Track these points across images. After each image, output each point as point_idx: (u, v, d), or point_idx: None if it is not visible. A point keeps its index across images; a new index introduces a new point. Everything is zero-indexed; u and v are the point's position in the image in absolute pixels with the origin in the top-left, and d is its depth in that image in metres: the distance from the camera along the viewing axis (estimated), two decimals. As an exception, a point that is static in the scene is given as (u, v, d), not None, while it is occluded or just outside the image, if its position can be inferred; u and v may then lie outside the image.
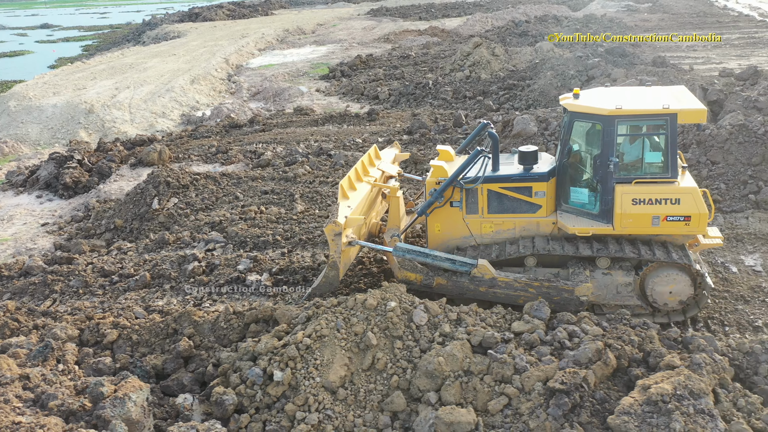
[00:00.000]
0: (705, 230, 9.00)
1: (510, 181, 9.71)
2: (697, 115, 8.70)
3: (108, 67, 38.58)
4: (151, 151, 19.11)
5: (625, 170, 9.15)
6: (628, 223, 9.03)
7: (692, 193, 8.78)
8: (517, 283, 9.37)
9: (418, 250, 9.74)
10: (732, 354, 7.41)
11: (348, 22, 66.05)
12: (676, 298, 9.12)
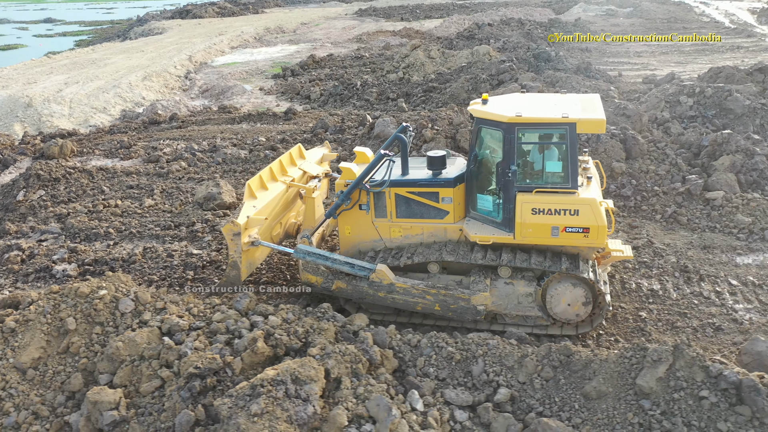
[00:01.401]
0: (604, 243, 8.81)
1: (417, 185, 9.55)
2: (596, 126, 8.49)
3: (71, 62, 39.56)
4: (52, 145, 19.85)
5: (527, 179, 9.03)
6: (528, 232, 8.92)
7: (591, 204, 8.59)
8: (414, 290, 9.29)
9: (318, 252, 9.67)
10: (399, 347, 7.90)
11: (332, 21, 66.63)
12: (575, 311, 9.06)
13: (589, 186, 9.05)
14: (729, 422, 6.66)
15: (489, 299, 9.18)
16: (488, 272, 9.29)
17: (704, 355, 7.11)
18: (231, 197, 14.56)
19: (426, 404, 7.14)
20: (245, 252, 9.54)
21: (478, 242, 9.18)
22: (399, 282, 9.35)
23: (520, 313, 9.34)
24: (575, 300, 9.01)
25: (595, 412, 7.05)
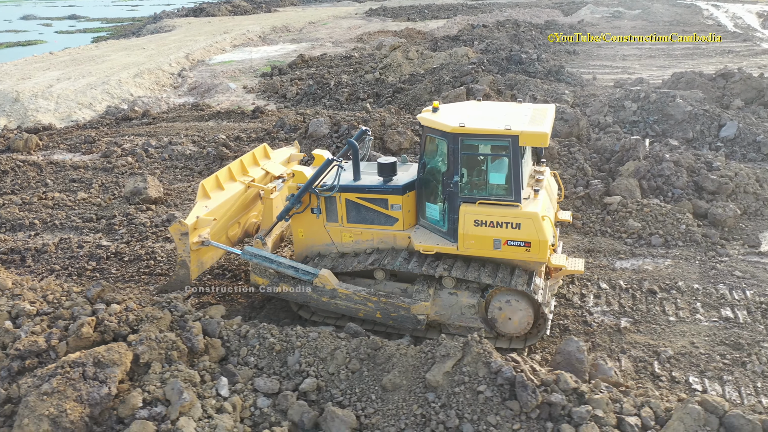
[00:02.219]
0: (545, 257, 8.65)
1: (366, 191, 9.50)
2: (538, 139, 8.28)
3: (71, 58, 40.81)
4: (17, 138, 20.76)
5: (471, 190, 8.93)
6: (471, 244, 8.85)
7: (533, 218, 8.46)
8: (356, 296, 9.32)
9: (265, 255, 9.69)
10: (229, 336, 8.40)
11: (340, 21, 67.22)
12: (516, 325, 9.01)
13: (535, 199, 8.89)
14: (499, 416, 7.01)
15: (430, 309, 9.14)
16: (433, 282, 9.24)
17: (491, 351, 7.46)
18: (157, 192, 15.19)
19: (234, 391, 7.63)
20: (195, 252, 9.62)
21: (422, 251, 9.17)
22: (341, 288, 9.39)
23: (464, 324, 9.29)
24: (515, 314, 8.92)
25: (388, 403, 7.46)
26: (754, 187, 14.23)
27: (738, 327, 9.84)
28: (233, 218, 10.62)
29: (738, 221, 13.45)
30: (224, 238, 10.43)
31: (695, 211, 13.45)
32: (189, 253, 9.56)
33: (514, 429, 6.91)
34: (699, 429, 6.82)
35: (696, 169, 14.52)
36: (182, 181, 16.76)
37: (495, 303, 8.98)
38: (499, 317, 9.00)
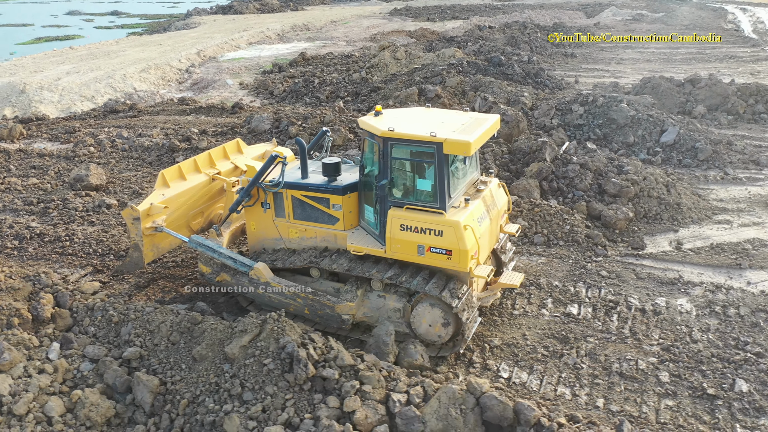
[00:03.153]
0: (466, 267, 8.65)
1: (309, 189, 9.69)
2: (461, 147, 8.30)
3: (88, 53, 42.87)
4: (2, 127, 22.33)
5: (399, 194, 9.04)
6: (397, 248, 8.93)
7: (454, 227, 8.49)
8: (287, 291, 9.60)
9: (207, 244, 10.01)
10: (79, 308, 9.36)
11: (361, 20, 68.11)
12: (434, 331, 9.07)
13: (465, 208, 8.91)
14: (276, 386, 7.76)
15: (354, 310, 9.29)
16: (363, 283, 9.40)
17: (284, 328, 8.20)
18: (99, 180, 16.36)
19: (64, 356, 8.58)
20: (148, 236, 10.05)
21: (352, 251, 9.32)
22: (274, 282, 9.66)
23: (403, 327, 9.35)
24: (435, 321, 8.98)
25: (193, 371, 8.29)
26: (659, 192, 14.47)
27: (575, 322, 10.30)
28: (194, 208, 10.96)
29: (631, 224, 13.78)
30: (185, 227, 10.79)
31: (589, 212, 13.82)
32: (141, 237, 9.99)
33: (287, 398, 7.65)
34: (453, 406, 7.42)
35: (604, 172, 14.83)
36: (131, 170, 17.92)
37: (418, 308, 9.06)
38: (420, 323, 9.08)
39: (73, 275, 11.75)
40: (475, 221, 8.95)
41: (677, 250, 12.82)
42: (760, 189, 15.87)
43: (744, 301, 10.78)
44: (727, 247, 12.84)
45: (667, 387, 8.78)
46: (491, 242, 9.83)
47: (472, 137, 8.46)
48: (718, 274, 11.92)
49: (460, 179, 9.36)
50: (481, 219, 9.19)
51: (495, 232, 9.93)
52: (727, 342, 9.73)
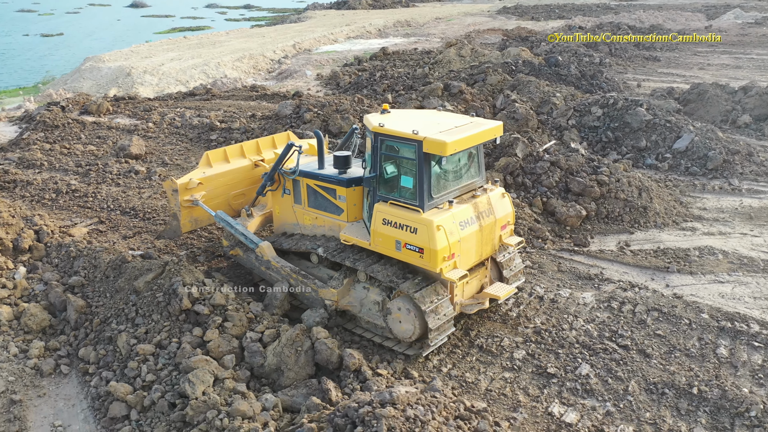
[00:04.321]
0: (435, 266, 8.67)
1: (321, 179, 10.09)
2: (438, 146, 8.40)
3: (197, 43, 47.28)
4: (92, 103, 26.03)
5: (385, 189, 9.20)
6: (379, 241, 9.07)
7: (427, 225, 8.54)
8: (283, 271, 10.20)
9: (228, 220, 10.80)
10: (51, 243, 11.62)
11: (466, 18, 68.73)
12: (402, 329, 9.15)
13: (446, 209, 8.93)
14: (160, 315, 9.49)
15: (336, 297, 9.59)
16: (351, 273, 9.69)
17: (179, 271, 9.88)
18: (138, 150, 19.02)
19: (27, 278, 10.85)
20: (186, 208, 11.04)
21: (342, 241, 9.67)
22: (274, 261, 10.27)
23: (371, 320, 9.66)
24: (405, 319, 9.05)
25: (115, 299, 10.22)
26: (628, 195, 14.59)
27: (468, 301, 11.09)
28: (235, 189, 11.83)
29: (585, 222, 14.09)
30: (225, 204, 11.72)
31: (545, 208, 14.29)
32: (179, 207, 11.00)
33: (165, 325, 9.35)
34: (291, 346, 8.75)
35: (576, 171, 15.14)
36: (171, 144, 20.51)
37: (392, 304, 9.17)
38: (393, 318, 9.17)
39: (81, 224, 14.20)
40: (454, 224, 8.85)
41: (618, 251, 13.05)
42: (754, 201, 15.39)
43: (646, 300, 11.02)
44: (671, 252, 12.88)
45: (515, 363, 9.48)
46: (480, 250, 9.58)
47: (452, 138, 8.47)
48: (642, 274, 12.11)
49: (450, 181, 9.35)
50: (465, 224, 9.06)
51: (488, 241, 9.70)
52: (603, 333, 10.15)
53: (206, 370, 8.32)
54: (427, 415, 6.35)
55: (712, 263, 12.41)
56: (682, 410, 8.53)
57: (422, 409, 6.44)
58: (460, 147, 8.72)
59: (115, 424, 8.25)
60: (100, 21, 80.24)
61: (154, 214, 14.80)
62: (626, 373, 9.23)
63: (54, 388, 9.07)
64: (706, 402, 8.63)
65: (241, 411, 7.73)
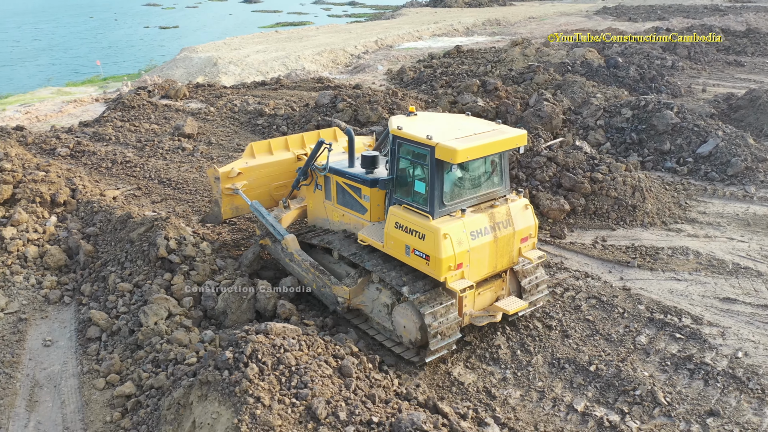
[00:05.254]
0: (440, 274, 8.53)
1: (348, 178, 10.14)
2: (448, 153, 8.23)
3: (285, 37, 50.16)
4: (172, 89, 28.94)
5: (401, 193, 9.17)
6: (391, 244, 9.05)
7: (434, 233, 8.42)
8: (303, 264, 10.39)
9: (260, 210, 11.13)
10: (82, 200, 13.79)
11: (560, 18, 67.63)
12: (405, 335, 9.15)
13: (458, 218, 8.77)
14: (143, 261, 11.24)
15: (349, 294, 9.59)
16: (367, 273, 9.65)
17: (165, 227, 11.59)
18: (191, 130, 21.27)
19: (56, 225, 13.02)
20: (227, 196, 11.52)
21: (359, 240, 9.75)
22: (296, 254, 10.47)
23: (380, 322, 9.64)
24: (408, 324, 9.06)
25: (114, 247, 12.14)
26: (620, 193, 14.84)
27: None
28: (277, 180, 12.08)
29: (569, 216, 14.54)
30: (267, 195, 12.04)
31: (532, 200, 14.83)
32: (220, 194, 11.52)
33: (145, 269, 11.11)
34: (237, 295, 10.21)
35: (571, 168, 15.53)
36: (222, 127, 22.65)
37: (398, 307, 9.15)
38: (398, 321, 9.21)
39: (121, 188, 16.46)
40: (464, 233, 8.68)
41: (591, 245, 13.46)
42: (761, 209, 15.09)
43: (591, 289, 11.51)
44: (642, 249, 13.13)
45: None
46: (495, 262, 9.34)
47: (464, 145, 8.29)
48: (602, 267, 12.52)
49: (467, 189, 9.17)
50: (477, 234, 8.86)
51: (505, 253, 9.43)
52: (534, 314, 10.79)
53: (162, 306, 9.95)
54: (294, 347, 7.55)
55: (679, 262, 12.58)
56: (574, 384, 9.16)
57: (293, 341, 7.65)
58: (474, 155, 8.50)
59: (89, 342, 10.09)
60: (213, 15, 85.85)
61: (184, 185, 16.82)
62: (537, 348, 9.92)
63: (55, 313, 11.07)
64: (599, 379, 9.19)
65: (179, 339, 9.29)
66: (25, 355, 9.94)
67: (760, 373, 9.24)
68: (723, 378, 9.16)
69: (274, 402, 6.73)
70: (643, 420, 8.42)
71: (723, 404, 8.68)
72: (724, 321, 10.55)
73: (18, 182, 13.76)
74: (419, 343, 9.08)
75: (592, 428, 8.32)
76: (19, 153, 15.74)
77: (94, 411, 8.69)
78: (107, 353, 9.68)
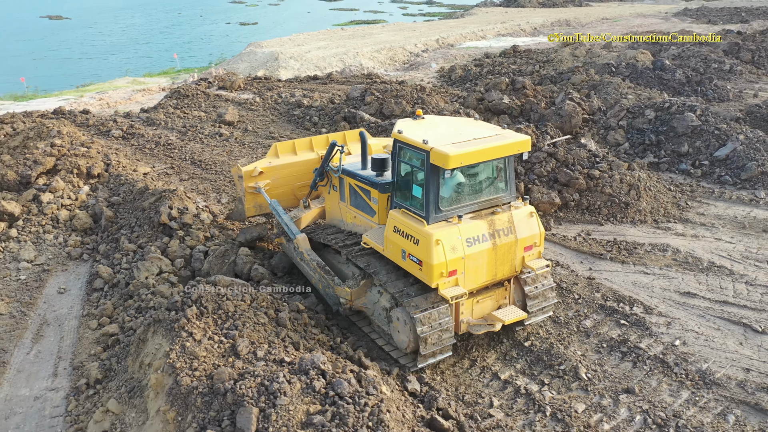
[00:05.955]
0: (432, 280, 8.44)
1: (358, 180, 10.10)
2: (441, 158, 8.14)
3: (349, 34, 51.75)
4: (228, 80, 30.98)
5: (401, 197, 9.14)
6: (390, 248, 8.99)
7: (427, 239, 8.32)
8: (311, 263, 10.43)
9: (277, 209, 11.31)
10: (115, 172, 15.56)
11: (634, 18, 65.95)
12: (400, 339, 9.11)
13: (454, 224, 8.64)
14: (148, 226, 12.73)
15: (350, 296, 9.56)
16: (370, 276, 9.61)
17: (172, 198, 13.03)
18: (232, 118, 22.95)
19: (87, 194, 14.81)
20: (250, 194, 11.69)
21: (362, 243, 9.74)
22: (306, 253, 10.55)
23: (380, 325, 9.63)
24: (402, 329, 9.03)
25: (130, 214, 13.72)
26: (614, 190, 15.13)
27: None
28: (300, 180, 12.11)
29: (560, 210, 14.99)
30: (290, 194, 12.20)
31: (526, 193, 15.37)
32: (243, 192, 11.71)
33: (149, 233, 12.60)
34: (220, 257, 11.49)
35: (571, 164, 15.91)
36: (261, 116, 24.22)
37: (394, 311, 9.11)
38: (394, 326, 9.20)
39: (156, 167, 18.23)
40: (459, 240, 8.53)
41: (573, 237, 13.89)
42: (763, 213, 14.97)
43: (556, 276, 12.01)
44: (623, 244, 13.44)
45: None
46: (494, 270, 9.11)
47: (458, 150, 8.21)
48: (575, 257, 12.97)
49: (466, 194, 9.02)
50: (474, 240, 8.69)
51: (506, 261, 9.19)
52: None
53: (155, 264, 11.38)
54: (236, 297, 8.70)
55: (654, 258, 12.84)
56: (507, 356, 9.83)
57: (237, 293, 8.79)
58: (468, 161, 8.37)
59: (94, 292, 11.68)
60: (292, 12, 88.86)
61: (212, 167, 18.41)
62: (482, 323, 10.60)
63: (74, 267, 12.76)
64: (531, 353, 9.82)
65: (162, 292, 10.67)
66: (41, 299, 11.61)
67: (690, 360, 9.59)
68: (651, 362, 9.58)
69: (204, 338, 7.90)
70: (560, 392, 9.01)
71: (642, 384, 9.13)
72: (676, 313, 10.86)
73: (61, 156, 15.67)
74: (410, 349, 9.04)
75: (509, 394, 9.00)
76: (70, 131, 17.77)
77: (84, 346, 10.19)
78: (105, 300, 11.19)
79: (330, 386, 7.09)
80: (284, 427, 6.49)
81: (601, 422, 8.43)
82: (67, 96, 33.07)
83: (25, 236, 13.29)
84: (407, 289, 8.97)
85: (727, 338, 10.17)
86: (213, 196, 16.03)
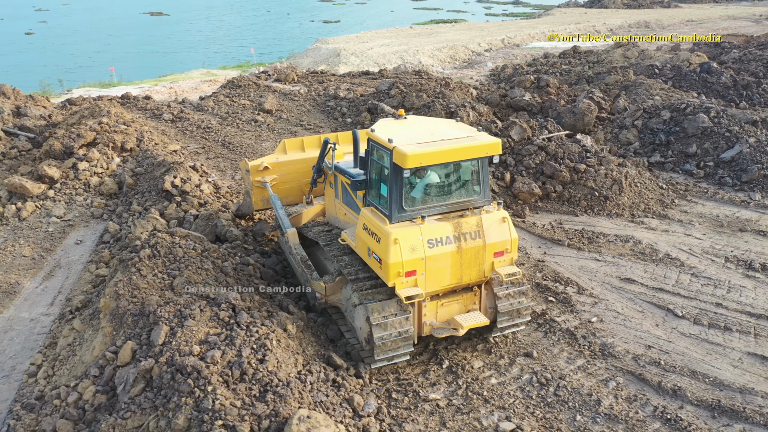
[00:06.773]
0: (389, 279, 8.43)
1: (347, 177, 10.06)
2: (401, 158, 8.22)
3: (416, 33, 52.97)
4: (282, 73, 33.13)
5: (372, 195, 9.17)
6: (359, 245, 9.04)
7: (386, 237, 8.34)
8: (296, 257, 10.62)
9: (275, 202, 11.55)
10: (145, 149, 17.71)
11: (723, 21, 63.18)
12: (360, 335, 9.29)
13: (416, 224, 8.62)
14: (154, 191, 14.61)
15: (325, 291, 9.68)
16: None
17: (179, 170, 14.85)
18: (270, 106, 24.84)
19: (117, 165, 17.02)
20: (257, 188, 12.02)
21: (339, 240, 9.88)
22: (293, 247, 10.70)
23: (351, 321, 9.65)
24: (362, 326, 9.16)
25: (147, 184, 15.71)
26: (597, 184, 15.62)
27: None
28: (307, 177, 12.18)
29: (540, 200, 15.65)
30: (297, 190, 12.38)
31: (511, 183, 16.12)
32: (251, 186, 12.12)
33: (154, 198, 14.47)
34: (205, 219, 13.18)
35: (559, 157, 16.49)
36: (299, 106, 25.97)
37: (358, 309, 9.20)
38: (357, 322, 9.35)
39: (189, 146, 20.32)
40: (419, 241, 8.49)
41: (543, 225, 14.56)
42: (746, 214, 15.01)
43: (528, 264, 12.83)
44: (587, 234, 13.98)
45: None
46: (459, 273, 8.98)
47: (416, 150, 8.26)
48: (534, 243, 13.69)
49: (433, 195, 8.97)
50: (436, 242, 8.62)
51: (472, 265, 9.03)
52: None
53: (150, 222, 13.21)
54: (188, 246, 10.27)
55: (612, 247, 13.35)
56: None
57: (190, 243, 10.37)
58: (428, 161, 8.36)
59: (102, 244, 13.69)
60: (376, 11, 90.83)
61: (238, 148, 20.29)
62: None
63: (94, 224, 14.88)
64: (451, 319, 10.76)
65: (149, 245, 12.43)
66: (60, 248, 13.75)
67: (598, 335, 10.24)
68: (561, 333, 10.31)
69: (150, 274, 9.52)
70: (465, 351, 9.95)
71: (543, 351, 9.91)
72: (607, 295, 11.46)
73: (102, 131, 17.99)
74: (366, 346, 9.18)
75: (418, 348, 10.03)
76: (117, 112, 20.13)
77: (80, 284, 12.15)
78: (106, 250, 13.14)
79: (233, 317, 8.49)
80: (184, 342, 7.95)
81: (490, 377, 9.33)
82: (144, 84, 36.37)
83: (60, 197, 15.55)
84: (374, 290, 8.97)
85: (645, 320, 10.71)
86: (230, 173, 17.83)
